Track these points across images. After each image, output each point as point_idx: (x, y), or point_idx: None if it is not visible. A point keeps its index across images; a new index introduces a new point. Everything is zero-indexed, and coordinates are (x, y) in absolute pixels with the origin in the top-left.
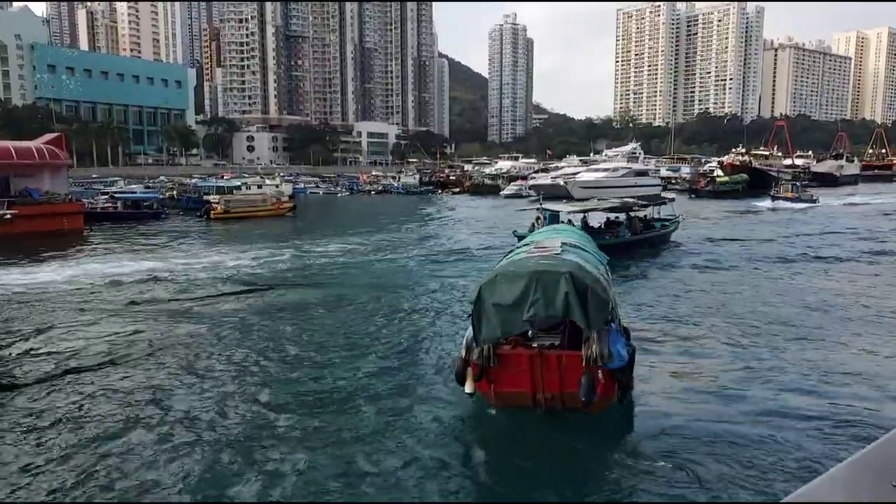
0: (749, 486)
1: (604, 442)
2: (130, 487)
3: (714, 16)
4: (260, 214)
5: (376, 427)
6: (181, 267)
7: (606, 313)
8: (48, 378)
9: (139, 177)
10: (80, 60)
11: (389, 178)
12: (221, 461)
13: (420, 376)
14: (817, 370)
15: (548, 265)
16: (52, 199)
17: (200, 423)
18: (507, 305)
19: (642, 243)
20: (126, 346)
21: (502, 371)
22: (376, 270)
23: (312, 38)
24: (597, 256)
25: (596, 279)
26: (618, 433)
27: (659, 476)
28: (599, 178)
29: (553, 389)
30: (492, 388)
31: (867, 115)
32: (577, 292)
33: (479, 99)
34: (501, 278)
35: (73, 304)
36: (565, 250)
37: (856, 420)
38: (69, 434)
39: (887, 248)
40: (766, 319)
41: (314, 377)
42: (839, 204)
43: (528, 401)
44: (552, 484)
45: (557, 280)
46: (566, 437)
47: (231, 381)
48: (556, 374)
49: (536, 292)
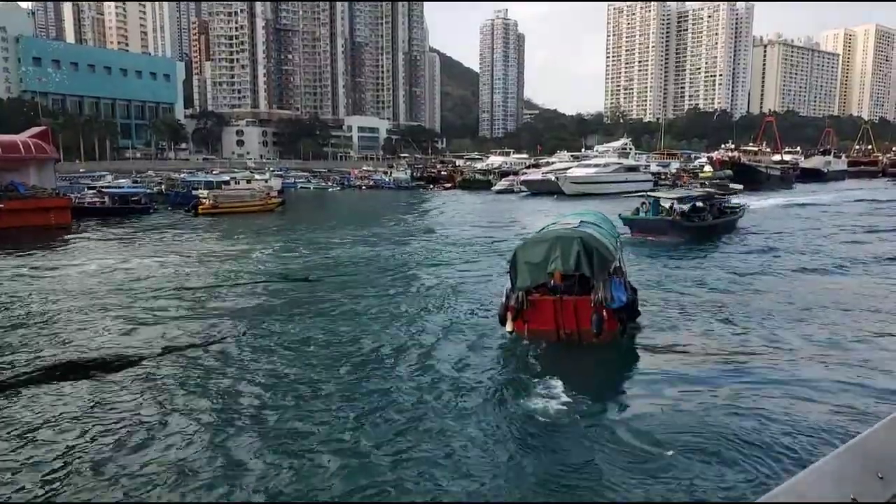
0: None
1: (603, 362)
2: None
3: (704, 12)
4: (248, 209)
5: (451, 356)
6: (174, 260)
7: (608, 268)
8: (63, 376)
9: (127, 171)
10: (66, 53)
11: (380, 173)
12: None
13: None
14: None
15: (565, 233)
16: (39, 193)
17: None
18: (534, 263)
19: (719, 227)
20: (126, 343)
21: (533, 313)
22: (382, 264)
23: (302, 32)
24: (609, 232)
25: (601, 243)
26: (617, 357)
27: (649, 381)
28: (590, 173)
29: (571, 326)
30: (525, 327)
31: (854, 112)
32: (585, 252)
33: (470, 94)
34: (530, 243)
35: (65, 297)
36: (582, 224)
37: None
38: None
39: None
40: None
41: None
42: (774, 205)
43: (553, 336)
44: (570, 389)
45: (571, 243)
46: (579, 357)
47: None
48: (572, 315)
49: (556, 252)
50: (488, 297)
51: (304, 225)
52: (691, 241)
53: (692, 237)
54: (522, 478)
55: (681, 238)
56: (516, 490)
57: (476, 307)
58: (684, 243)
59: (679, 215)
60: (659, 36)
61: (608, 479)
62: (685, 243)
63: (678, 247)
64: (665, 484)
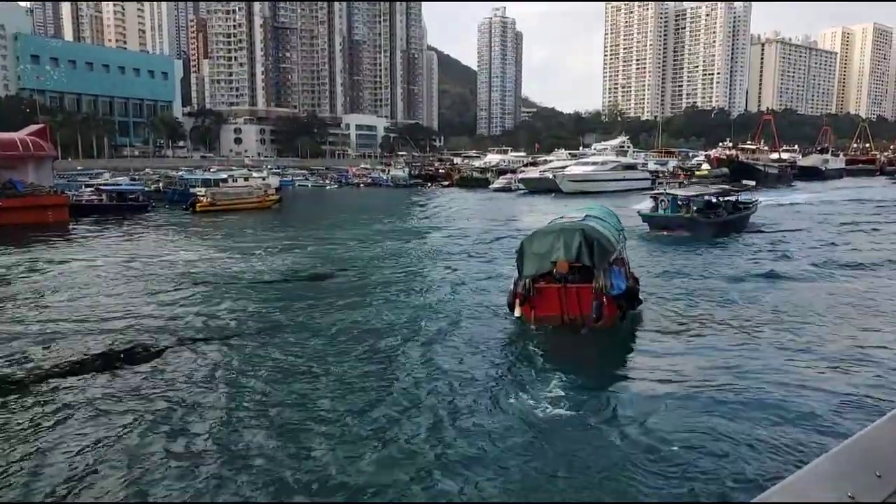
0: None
1: (602, 347)
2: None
3: (702, 10)
4: (245, 207)
5: (462, 338)
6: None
7: (608, 259)
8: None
9: (125, 169)
10: (64, 51)
11: (378, 171)
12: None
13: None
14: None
15: (569, 225)
16: (37, 191)
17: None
18: (540, 253)
19: (734, 221)
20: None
21: (539, 300)
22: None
23: (300, 30)
24: (614, 225)
25: (602, 235)
26: (617, 340)
27: (644, 356)
28: (588, 171)
29: (574, 312)
30: (532, 312)
31: (852, 110)
32: (586, 243)
33: (468, 92)
34: (536, 235)
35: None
36: (587, 218)
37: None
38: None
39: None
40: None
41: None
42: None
43: (558, 321)
44: (571, 366)
45: (573, 235)
46: (581, 342)
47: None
48: (575, 301)
49: (559, 243)
50: (490, 289)
51: (301, 222)
52: (707, 236)
53: (708, 232)
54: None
55: (697, 233)
56: (514, 475)
57: (480, 298)
58: (701, 238)
59: (696, 211)
60: (657, 34)
61: (592, 461)
62: (702, 238)
63: (694, 241)
64: (657, 473)
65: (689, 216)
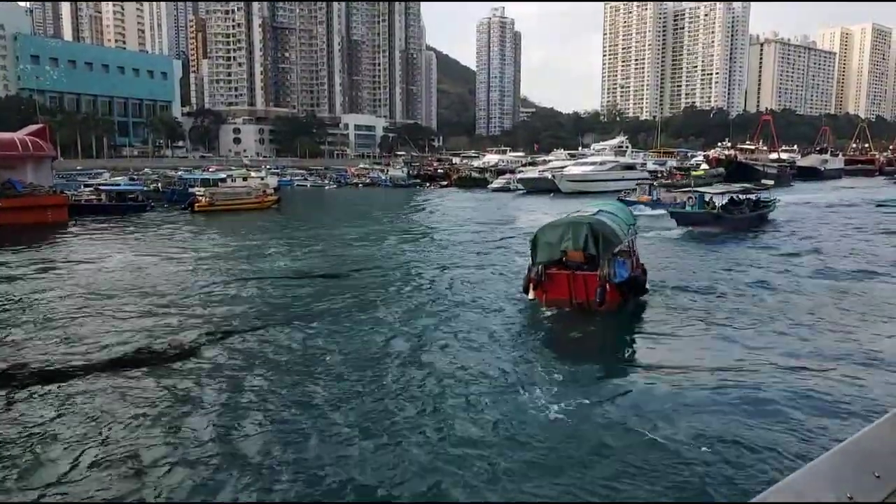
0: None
1: (607, 326)
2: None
3: (701, 10)
4: (244, 207)
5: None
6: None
7: (612, 250)
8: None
9: (124, 169)
10: (64, 51)
11: (377, 171)
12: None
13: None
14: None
15: (578, 219)
16: (36, 191)
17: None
18: (551, 242)
19: (755, 219)
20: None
21: (550, 285)
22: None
23: (299, 30)
24: (624, 220)
25: (609, 228)
26: (619, 322)
27: (640, 336)
28: (587, 171)
29: (581, 296)
30: (544, 296)
31: (851, 110)
32: (592, 235)
33: (466, 92)
34: (548, 227)
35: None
36: (599, 213)
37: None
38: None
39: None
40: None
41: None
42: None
43: (566, 304)
44: (578, 345)
45: (581, 227)
46: (587, 323)
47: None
48: (582, 287)
49: (568, 234)
50: (488, 285)
51: (300, 222)
52: (731, 232)
53: (732, 228)
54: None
55: (722, 228)
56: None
57: (485, 293)
58: (725, 233)
59: (721, 208)
60: (656, 34)
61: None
62: (726, 233)
63: (719, 236)
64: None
65: (715, 212)
